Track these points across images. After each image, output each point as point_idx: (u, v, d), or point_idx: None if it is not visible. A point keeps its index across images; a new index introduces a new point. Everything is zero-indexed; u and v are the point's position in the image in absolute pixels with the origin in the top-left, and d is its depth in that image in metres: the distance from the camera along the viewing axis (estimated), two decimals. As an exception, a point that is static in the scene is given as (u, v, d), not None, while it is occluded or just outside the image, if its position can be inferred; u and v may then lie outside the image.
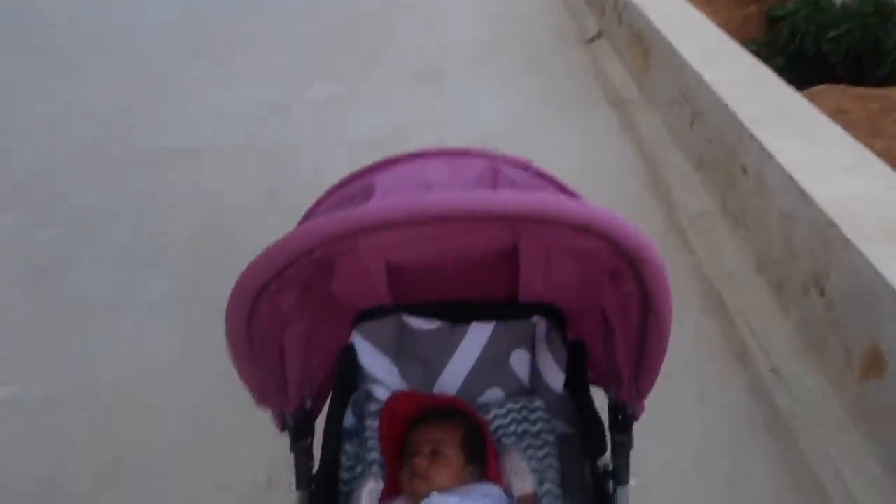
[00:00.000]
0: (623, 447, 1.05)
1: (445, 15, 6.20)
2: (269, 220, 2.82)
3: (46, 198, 3.29)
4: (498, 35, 5.56)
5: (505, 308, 1.25)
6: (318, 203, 0.99)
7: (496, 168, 0.92)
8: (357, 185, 0.94)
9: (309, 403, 1.13)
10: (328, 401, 1.21)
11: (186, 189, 3.30)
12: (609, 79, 4.31)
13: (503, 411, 1.28)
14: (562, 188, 0.93)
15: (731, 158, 2.49)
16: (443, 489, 1.09)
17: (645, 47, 3.79)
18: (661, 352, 0.88)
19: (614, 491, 1.07)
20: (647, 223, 2.71)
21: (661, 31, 3.48)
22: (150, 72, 4.97)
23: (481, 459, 1.18)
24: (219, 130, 3.94)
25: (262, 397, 0.96)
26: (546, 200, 0.79)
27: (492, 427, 1.27)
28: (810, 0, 5.45)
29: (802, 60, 5.44)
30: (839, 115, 3.39)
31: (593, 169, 3.22)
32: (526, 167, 0.94)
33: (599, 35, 5.09)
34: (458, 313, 1.27)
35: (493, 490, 1.13)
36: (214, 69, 4.99)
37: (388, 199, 0.84)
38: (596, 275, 0.97)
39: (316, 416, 1.18)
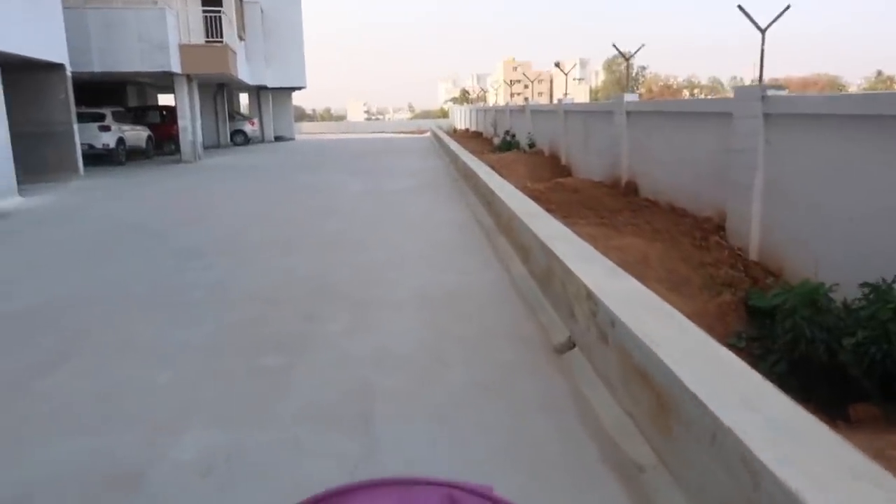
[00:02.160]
0: None
1: (379, 303, 5.19)
2: None
3: None
4: (442, 334, 4.50)
5: None
6: None
7: (455, 498, 0.83)
8: None
9: None
10: None
11: None
12: (601, 421, 3.15)
13: None
14: None
15: None
16: None
17: (658, 395, 2.68)
18: None
19: None
20: None
21: (688, 385, 2.39)
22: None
23: None
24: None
25: None
26: None
27: None
28: (805, 297, 4.69)
29: (810, 367, 4.52)
30: None
31: None
32: (487, 497, 0.83)
33: (572, 345, 4.06)
34: None
35: None
36: (63, 401, 3.61)
37: None
38: None
39: None
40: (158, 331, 4.69)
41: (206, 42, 20.63)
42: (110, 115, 18.84)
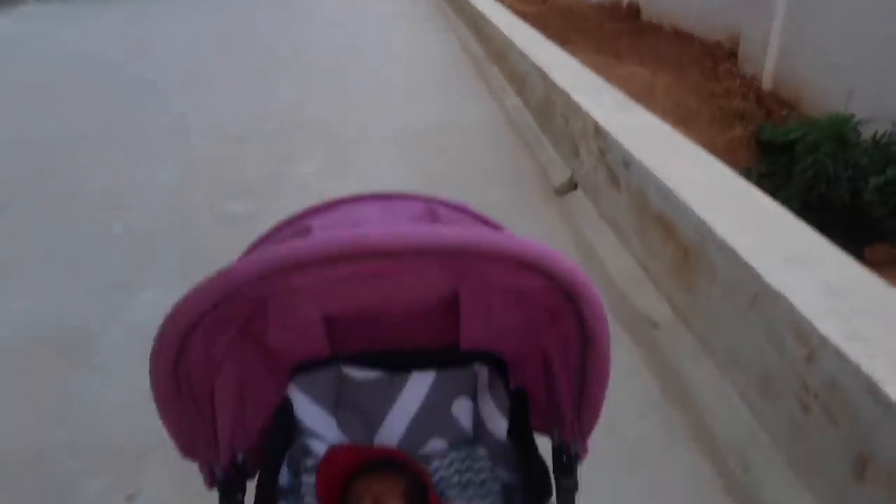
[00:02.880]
0: (568, 491, 1.00)
1: (358, 142, 4.71)
2: None
3: None
4: (429, 175, 4.07)
5: (446, 356, 1.22)
6: (252, 248, 0.93)
7: (433, 209, 0.90)
8: (292, 228, 0.91)
9: (241, 457, 1.03)
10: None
11: None
12: (609, 272, 2.82)
13: (446, 462, 1.26)
14: (500, 231, 0.88)
15: None
16: None
17: (683, 246, 2.33)
18: (603, 387, 0.87)
19: None
20: None
21: (722, 237, 2.02)
22: None
23: None
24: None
25: (188, 448, 0.90)
26: (484, 235, 0.77)
27: (434, 479, 1.23)
28: (832, 131, 4.25)
29: (827, 207, 4.20)
30: None
31: None
32: (463, 209, 0.91)
33: (574, 185, 3.66)
34: (398, 363, 1.23)
35: None
36: (6, 255, 3.23)
37: (322, 236, 0.79)
38: (536, 315, 0.96)
39: (251, 474, 1.08)
40: (115, 174, 4.22)
41: None
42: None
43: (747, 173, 4.94)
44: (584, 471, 1.88)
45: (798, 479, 1.66)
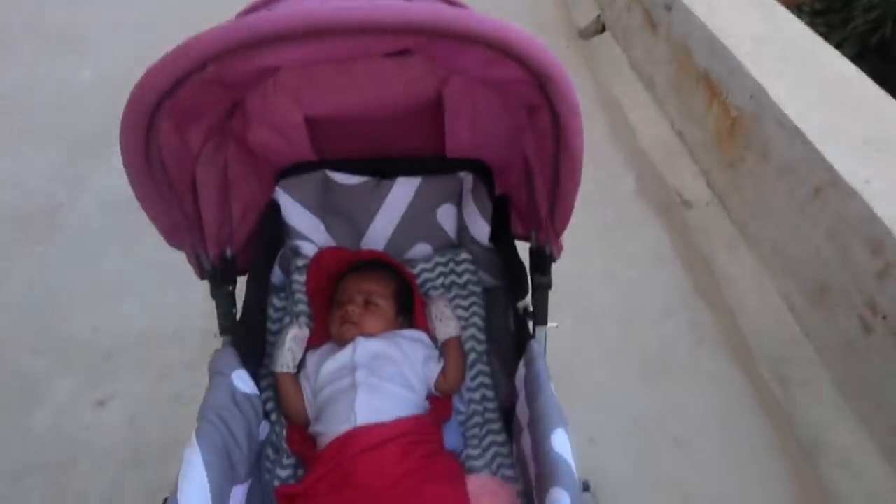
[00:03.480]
0: (542, 288, 1.04)
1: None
2: None
3: None
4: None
5: (432, 163, 1.23)
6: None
7: None
8: (258, 8, 0.81)
9: (230, 253, 1.06)
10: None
11: None
12: (636, 136, 2.47)
13: (430, 265, 1.30)
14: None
15: None
16: (371, 335, 1.13)
17: (729, 112, 1.97)
18: (574, 183, 0.86)
19: (534, 330, 1.07)
20: None
21: (786, 111, 1.66)
22: None
23: (409, 311, 1.22)
24: None
25: (171, 235, 0.90)
26: (450, 12, 0.70)
27: (419, 281, 1.29)
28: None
29: (888, 54, 3.70)
30: None
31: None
32: None
33: (601, 27, 3.18)
34: (384, 169, 1.26)
35: (419, 335, 1.18)
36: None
37: (281, 12, 0.71)
38: (518, 120, 0.95)
39: (241, 270, 1.13)
40: (76, 10, 3.72)
41: None
42: None
43: (798, 11, 4.36)
44: (600, 379, 1.71)
45: (845, 402, 1.46)
